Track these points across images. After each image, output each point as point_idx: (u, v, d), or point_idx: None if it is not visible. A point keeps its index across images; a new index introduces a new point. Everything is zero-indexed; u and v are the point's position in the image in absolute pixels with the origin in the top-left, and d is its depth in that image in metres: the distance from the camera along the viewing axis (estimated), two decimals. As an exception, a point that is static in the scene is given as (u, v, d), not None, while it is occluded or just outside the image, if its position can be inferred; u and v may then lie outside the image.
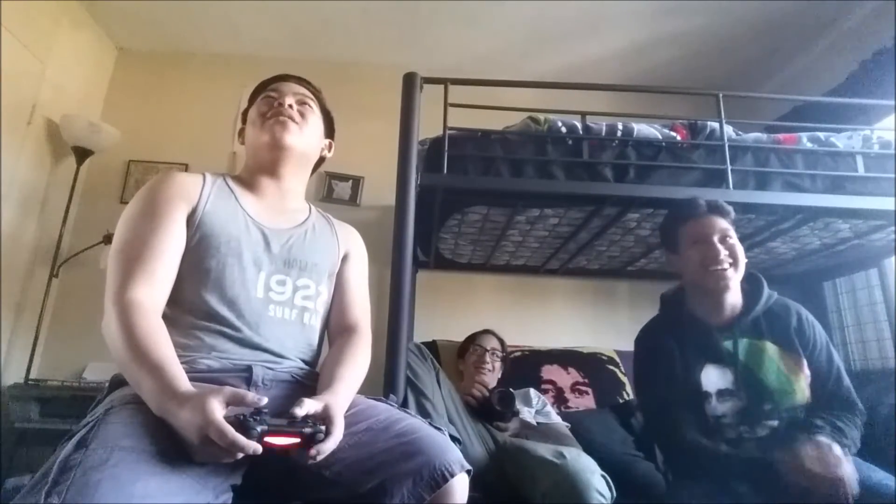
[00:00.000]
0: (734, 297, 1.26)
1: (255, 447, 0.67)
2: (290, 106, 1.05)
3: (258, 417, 0.70)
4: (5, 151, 1.99)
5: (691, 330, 1.26)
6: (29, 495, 0.62)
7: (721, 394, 1.20)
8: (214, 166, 2.53)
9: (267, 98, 1.07)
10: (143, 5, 2.41)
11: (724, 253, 1.23)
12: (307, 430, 0.74)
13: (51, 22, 2.25)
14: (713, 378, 1.22)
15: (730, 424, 1.18)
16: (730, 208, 1.31)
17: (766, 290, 1.29)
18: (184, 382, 0.74)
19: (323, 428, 0.76)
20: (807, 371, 1.19)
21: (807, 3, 2.22)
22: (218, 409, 0.68)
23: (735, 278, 1.23)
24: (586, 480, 1.19)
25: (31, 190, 2.19)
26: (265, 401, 0.72)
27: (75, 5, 2.39)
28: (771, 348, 1.22)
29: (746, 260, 1.26)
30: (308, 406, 0.76)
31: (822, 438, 1.03)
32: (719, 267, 1.22)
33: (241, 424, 0.68)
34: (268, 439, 0.70)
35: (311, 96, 1.12)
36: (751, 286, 1.30)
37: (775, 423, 1.16)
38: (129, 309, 0.80)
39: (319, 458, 0.75)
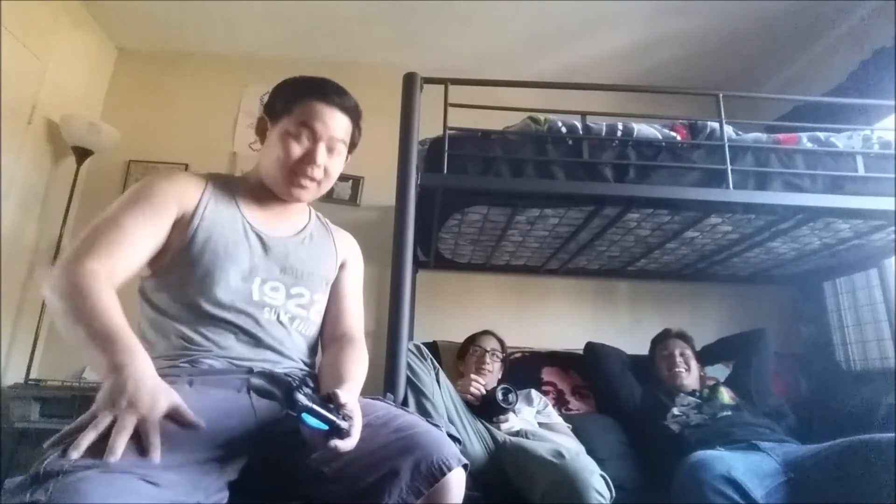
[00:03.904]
0: (692, 382, 1.87)
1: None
2: (320, 165, 0.99)
3: (305, 391, 0.71)
4: (5, 151, 1.99)
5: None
6: (17, 493, 0.61)
7: (686, 404, 1.77)
8: (214, 166, 2.53)
9: (298, 139, 0.98)
10: (143, 5, 2.41)
11: (680, 362, 1.88)
12: (339, 422, 0.75)
13: (51, 22, 2.25)
14: (683, 401, 1.79)
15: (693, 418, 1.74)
16: (689, 336, 1.99)
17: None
18: (139, 359, 0.73)
19: (346, 425, 0.76)
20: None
21: (807, 3, 2.22)
22: (161, 410, 0.70)
23: (688, 376, 1.86)
24: (585, 480, 1.19)
25: (31, 190, 2.19)
26: (202, 426, 0.72)
27: (75, 5, 2.39)
28: (722, 388, 1.84)
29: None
30: (347, 397, 0.78)
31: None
32: (676, 369, 1.87)
33: (287, 394, 0.70)
34: (304, 416, 0.71)
35: (348, 134, 1.04)
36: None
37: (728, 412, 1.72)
38: (82, 275, 0.79)
39: (338, 449, 0.75)
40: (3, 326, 2.04)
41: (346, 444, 0.76)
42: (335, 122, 1.01)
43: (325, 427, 0.74)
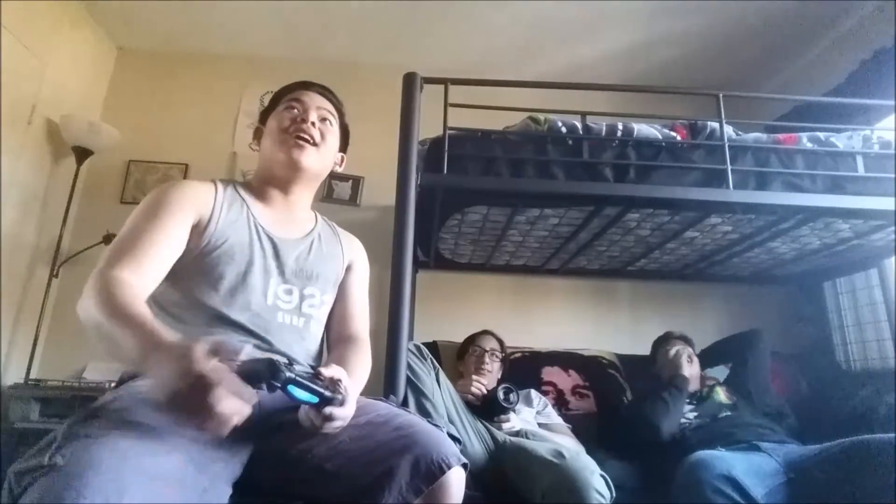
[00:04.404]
0: (693, 374, 1.88)
1: (241, 410, 0.63)
2: (313, 123, 1.05)
3: (289, 366, 0.71)
4: (5, 151, 1.99)
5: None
6: (33, 457, 0.64)
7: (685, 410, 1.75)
8: (214, 166, 2.55)
9: (289, 109, 1.06)
10: (143, 5, 2.41)
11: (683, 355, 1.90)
12: (328, 393, 0.75)
13: (51, 22, 2.25)
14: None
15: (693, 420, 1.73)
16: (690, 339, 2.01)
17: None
18: (167, 334, 0.71)
19: (340, 397, 0.77)
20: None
21: (807, 3, 2.22)
22: (202, 357, 0.63)
23: (690, 367, 1.87)
24: (585, 480, 1.19)
25: (31, 190, 2.19)
26: (247, 348, 0.71)
27: (75, 5, 2.39)
28: (719, 388, 1.83)
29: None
30: (335, 371, 0.79)
31: None
32: (679, 360, 1.88)
33: (271, 367, 0.69)
34: (291, 389, 0.71)
35: (333, 111, 1.11)
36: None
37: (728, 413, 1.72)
38: (112, 282, 0.80)
39: (328, 424, 0.76)
40: (3, 326, 2.04)
41: (341, 412, 0.77)
42: (320, 98, 1.09)
43: (315, 399, 0.74)
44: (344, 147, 1.18)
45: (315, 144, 1.05)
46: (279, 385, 0.70)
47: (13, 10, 1.99)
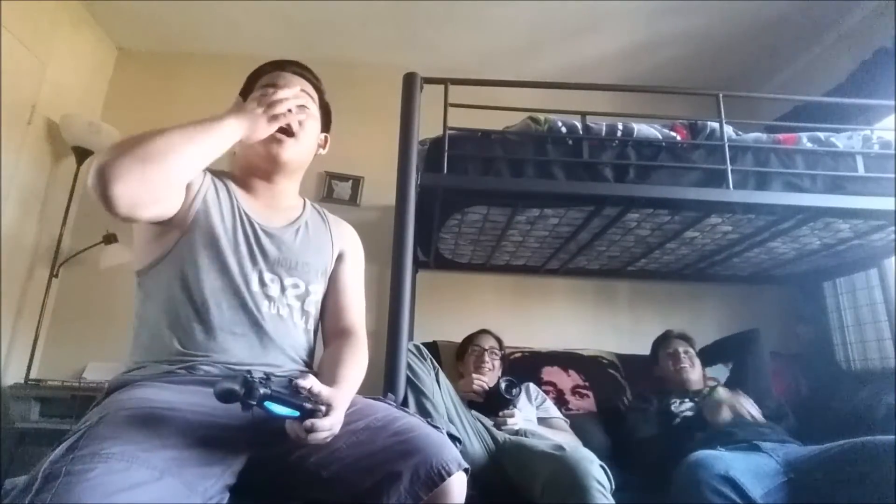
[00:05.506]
0: (696, 379, 1.89)
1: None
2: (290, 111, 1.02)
3: (265, 381, 0.70)
4: (5, 151, 1.99)
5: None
6: (20, 494, 0.62)
7: (682, 407, 1.78)
8: (214, 166, 2.53)
9: (265, 93, 1.02)
10: (143, 5, 2.41)
11: (684, 358, 1.92)
12: (308, 405, 0.74)
13: (51, 22, 2.25)
14: (680, 407, 1.79)
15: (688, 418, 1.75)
16: (690, 337, 2.03)
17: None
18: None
19: (323, 408, 0.76)
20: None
21: (807, 3, 2.22)
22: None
23: (693, 372, 1.89)
24: (585, 469, 1.19)
25: (31, 190, 2.19)
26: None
27: (75, 5, 2.39)
28: (720, 389, 1.81)
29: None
30: (313, 382, 0.76)
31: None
32: (681, 365, 1.90)
33: (246, 383, 0.68)
34: (268, 405, 0.70)
35: (312, 92, 1.09)
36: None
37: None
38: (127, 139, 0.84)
39: (312, 435, 0.74)
40: (3, 326, 2.04)
41: (324, 423, 0.75)
42: (297, 79, 1.07)
43: (296, 413, 0.73)
44: (326, 127, 1.14)
45: (293, 135, 1.01)
46: (254, 403, 0.68)
47: (13, 10, 1.99)
